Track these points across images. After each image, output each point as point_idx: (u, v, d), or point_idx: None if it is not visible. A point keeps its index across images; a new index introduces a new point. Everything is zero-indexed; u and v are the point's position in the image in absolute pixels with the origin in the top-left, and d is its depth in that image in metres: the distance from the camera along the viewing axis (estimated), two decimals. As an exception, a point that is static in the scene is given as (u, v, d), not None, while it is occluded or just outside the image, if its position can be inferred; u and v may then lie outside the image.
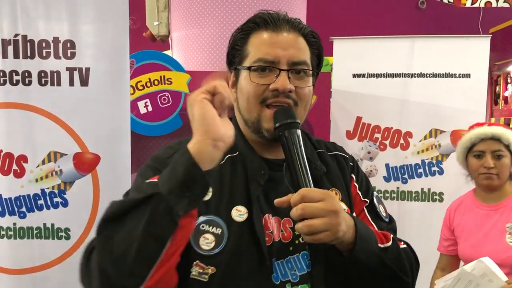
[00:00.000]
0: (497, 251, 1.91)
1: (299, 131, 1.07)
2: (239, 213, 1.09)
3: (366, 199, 1.25)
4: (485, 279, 1.69)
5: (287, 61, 1.12)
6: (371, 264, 1.05)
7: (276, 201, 1.00)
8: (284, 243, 1.10)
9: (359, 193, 1.26)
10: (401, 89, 3.08)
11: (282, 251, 1.09)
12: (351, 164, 1.30)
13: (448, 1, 6.80)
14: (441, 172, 3.04)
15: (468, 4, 6.82)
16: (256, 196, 1.08)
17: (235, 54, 1.20)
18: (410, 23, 6.16)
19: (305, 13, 3.80)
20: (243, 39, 1.18)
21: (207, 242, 1.03)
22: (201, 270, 1.01)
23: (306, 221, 0.94)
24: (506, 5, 6.78)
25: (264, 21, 1.16)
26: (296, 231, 1.03)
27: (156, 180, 0.89)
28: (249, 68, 1.15)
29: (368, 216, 1.23)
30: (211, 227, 1.03)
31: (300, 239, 1.10)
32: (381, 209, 1.27)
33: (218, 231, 1.04)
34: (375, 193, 1.31)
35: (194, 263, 1.01)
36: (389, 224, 1.26)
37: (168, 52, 3.43)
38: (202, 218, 1.03)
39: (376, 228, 1.19)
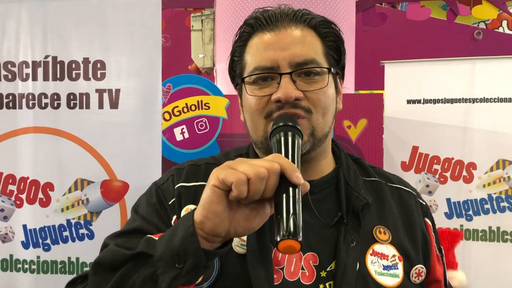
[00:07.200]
0: None
1: (299, 140, 0.84)
2: (241, 242, 0.89)
3: (440, 253, 1.03)
4: None
5: (288, 62, 0.91)
6: None
7: None
8: (304, 285, 0.88)
9: (436, 246, 1.02)
10: (462, 116, 2.78)
11: None
12: (423, 203, 1.06)
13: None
14: (512, 208, 2.69)
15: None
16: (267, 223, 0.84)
17: (235, 67, 1.01)
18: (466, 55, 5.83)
19: (354, 39, 3.61)
20: (241, 47, 0.98)
21: None
22: None
23: None
24: None
25: (259, 22, 0.95)
26: (323, 272, 0.88)
27: (157, 238, 0.79)
28: (243, 80, 0.96)
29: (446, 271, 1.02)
30: None
31: (328, 284, 0.88)
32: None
33: None
34: None
35: None
36: None
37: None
38: None
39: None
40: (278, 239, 0.67)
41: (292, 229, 0.67)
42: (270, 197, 0.71)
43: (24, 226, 2.10)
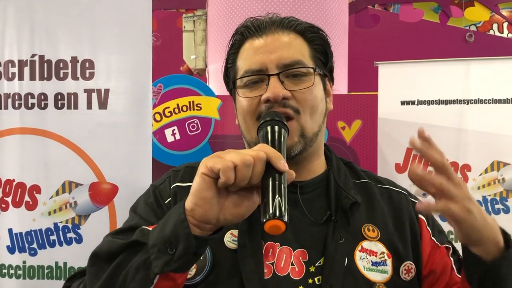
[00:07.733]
0: None
1: (285, 133, 0.89)
2: (233, 238, 0.93)
3: (447, 245, 1.05)
4: None
5: (276, 64, 0.98)
6: None
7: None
8: (293, 280, 0.91)
9: (434, 239, 1.05)
10: (456, 117, 2.76)
11: None
12: (415, 201, 1.09)
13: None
14: (506, 210, 2.66)
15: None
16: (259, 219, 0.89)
17: (229, 73, 1.08)
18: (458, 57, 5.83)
19: (347, 40, 3.59)
20: (234, 54, 1.06)
21: None
22: None
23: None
24: None
25: (249, 29, 1.03)
26: (312, 267, 0.91)
27: (151, 229, 0.83)
28: (234, 83, 1.04)
29: (455, 268, 1.02)
30: None
31: (316, 279, 0.92)
32: None
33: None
34: None
35: None
36: None
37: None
38: None
39: None
40: (264, 220, 0.70)
41: (277, 209, 0.70)
42: (257, 184, 0.75)
43: (10, 230, 2.04)
